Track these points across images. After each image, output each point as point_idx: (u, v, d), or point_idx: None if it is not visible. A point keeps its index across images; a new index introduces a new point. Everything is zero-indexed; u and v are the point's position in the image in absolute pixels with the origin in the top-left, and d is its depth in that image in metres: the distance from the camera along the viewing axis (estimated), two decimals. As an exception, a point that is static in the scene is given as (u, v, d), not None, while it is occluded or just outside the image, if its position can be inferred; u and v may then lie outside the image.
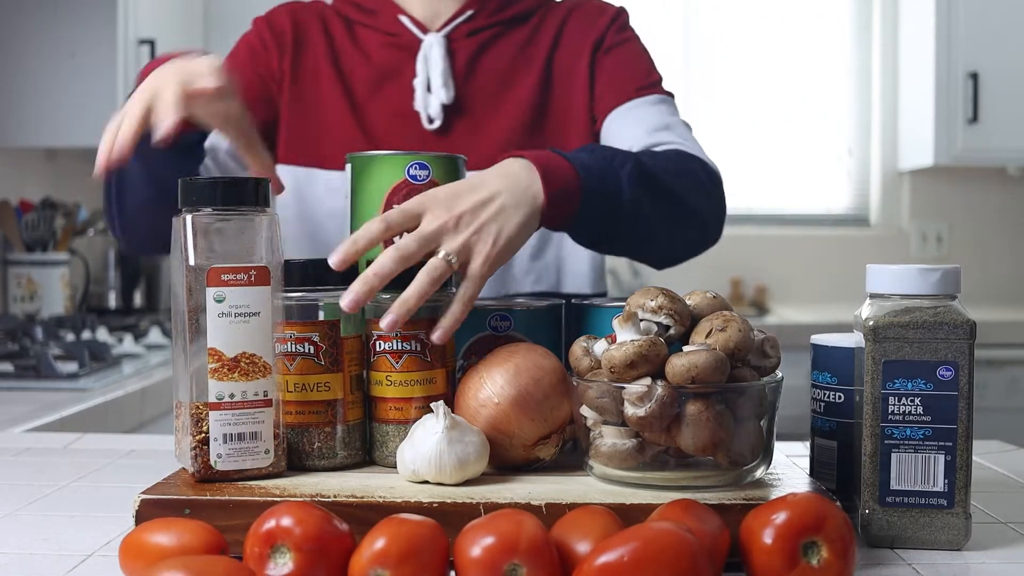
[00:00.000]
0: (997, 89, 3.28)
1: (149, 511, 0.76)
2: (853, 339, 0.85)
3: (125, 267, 3.09)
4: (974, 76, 3.27)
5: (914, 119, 3.49)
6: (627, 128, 1.27)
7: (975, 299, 3.57)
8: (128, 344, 2.18)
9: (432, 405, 0.83)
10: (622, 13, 1.36)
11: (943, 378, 0.78)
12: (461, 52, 1.30)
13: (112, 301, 3.09)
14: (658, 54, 1.38)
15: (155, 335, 2.33)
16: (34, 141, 2.62)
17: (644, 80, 1.31)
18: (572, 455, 0.88)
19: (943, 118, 3.29)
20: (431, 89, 1.27)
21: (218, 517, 0.75)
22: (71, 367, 1.81)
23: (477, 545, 0.64)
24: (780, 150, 3.69)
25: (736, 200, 3.68)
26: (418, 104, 1.27)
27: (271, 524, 0.66)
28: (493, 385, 0.84)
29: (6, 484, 0.99)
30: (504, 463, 0.86)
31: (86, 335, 2.19)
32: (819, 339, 0.90)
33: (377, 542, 0.64)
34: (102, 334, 2.23)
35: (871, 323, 0.79)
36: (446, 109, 1.27)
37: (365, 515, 0.74)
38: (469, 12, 1.30)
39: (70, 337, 2.13)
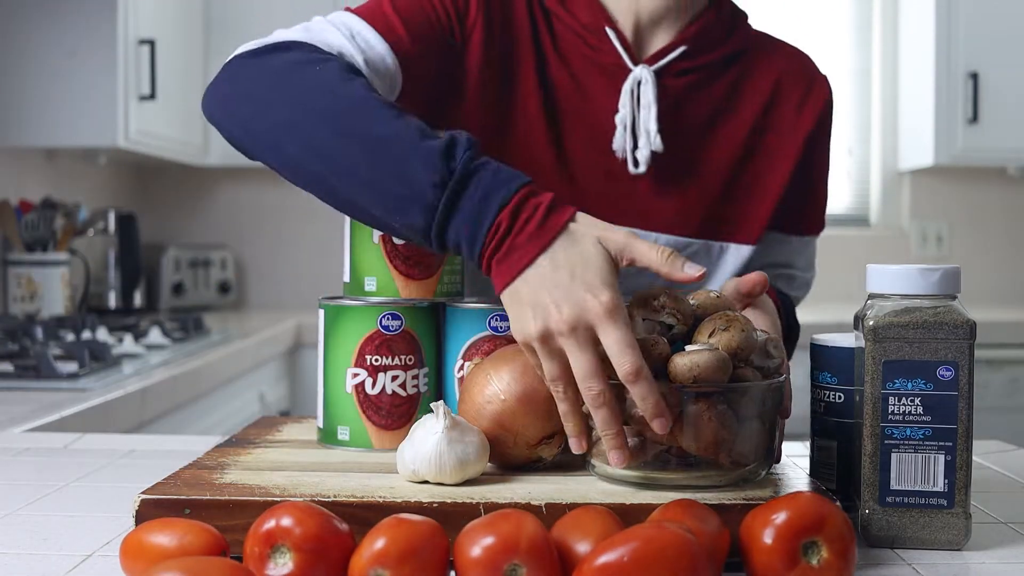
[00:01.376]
0: (997, 89, 3.28)
1: (149, 511, 0.76)
2: (853, 339, 0.85)
3: (125, 267, 3.09)
4: (974, 76, 3.27)
5: (914, 119, 3.49)
6: (788, 257, 1.28)
7: (975, 299, 3.57)
8: (128, 344, 2.18)
9: (432, 405, 0.83)
10: (831, 95, 1.25)
11: (943, 378, 0.78)
12: (668, 92, 1.15)
13: (112, 301, 3.09)
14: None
15: (155, 335, 2.33)
16: (34, 141, 2.62)
17: (821, 215, 1.29)
18: (572, 455, 0.88)
19: (943, 118, 3.29)
20: (636, 131, 1.13)
21: (218, 517, 0.75)
22: (71, 367, 1.81)
23: (477, 545, 0.64)
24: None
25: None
26: (617, 144, 1.13)
27: (271, 524, 0.66)
28: (500, 382, 0.85)
29: (6, 484, 0.99)
30: (506, 461, 0.86)
31: (86, 335, 2.19)
32: (819, 339, 0.90)
33: (377, 542, 0.64)
34: (102, 334, 2.23)
35: (871, 323, 0.79)
36: (653, 156, 1.14)
37: (365, 515, 0.74)
38: (683, 48, 1.15)
39: (70, 337, 2.13)
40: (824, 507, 0.68)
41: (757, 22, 1.32)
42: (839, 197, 3.72)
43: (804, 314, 3.23)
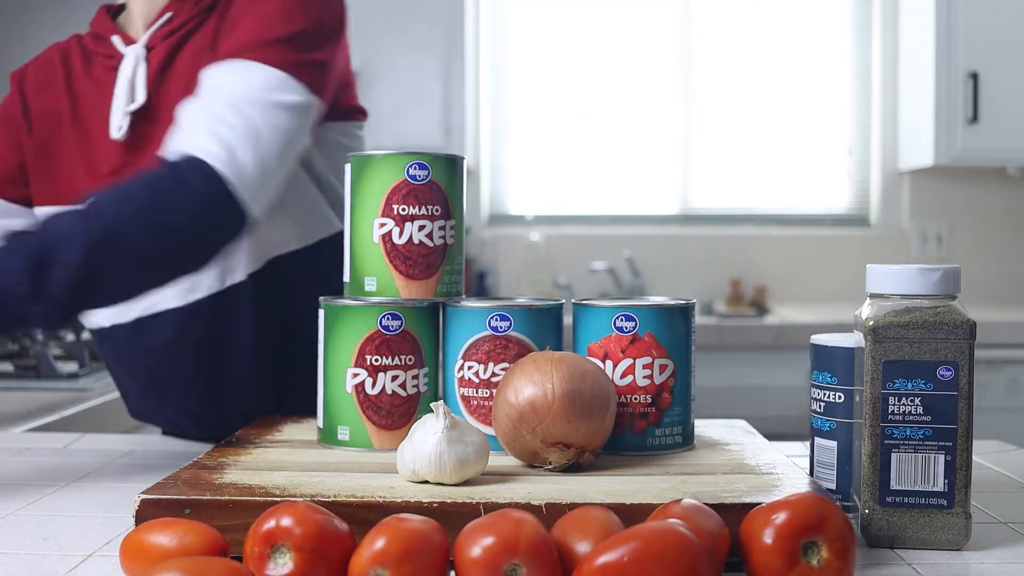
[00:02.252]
0: (997, 89, 3.28)
1: (149, 511, 0.76)
2: (853, 339, 0.85)
3: (125, 267, 3.08)
4: (974, 76, 3.27)
5: (914, 119, 3.49)
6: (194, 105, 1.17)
7: (975, 299, 3.57)
8: (128, 344, 2.17)
9: (432, 405, 0.83)
10: None
11: (943, 378, 0.78)
12: (155, 57, 1.23)
13: (112, 301, 3.08)
14: (658, 54, 1.38)
15: (155, 335, 2.32)
16: (34, 141, 2.61)
17: (257, 33, 1.16)
18: (575, 470, 0.88)
19: (943, 118, 3.29)
20: (133, 100, 1.22)
21: (218, 517, 0.75)
22: (71, 367, 1.81)
23: (477, 545, 0.64)
24: (780, 150, 3.69)
25: (736, 200, 3.70)
26: (112, 115, 1.21)
27: (271, 524, 0.66)
28: (558, 372, 0.85)
29: (6, 484, 0.99)
30: (513, 449, 0.86)
31: (86, 335, 2.19)
32: (819, 339, 0.90)
33: (377, 542, 0.64)
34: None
35: (871, 323, 0.79)
36: (135, 117, 1.21)
37: (365, 515, 0.74)
38: (167, 15, 1.24)
39: (70, 337, 2.13)
40: (824, 507, 0.68)
41: (757, 22, 1.31)
42: (839, 197, 3.72)
43: (804, 314, 3.22)
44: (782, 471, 0.87)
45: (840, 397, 0.87)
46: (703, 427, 1.06)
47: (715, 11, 3.65)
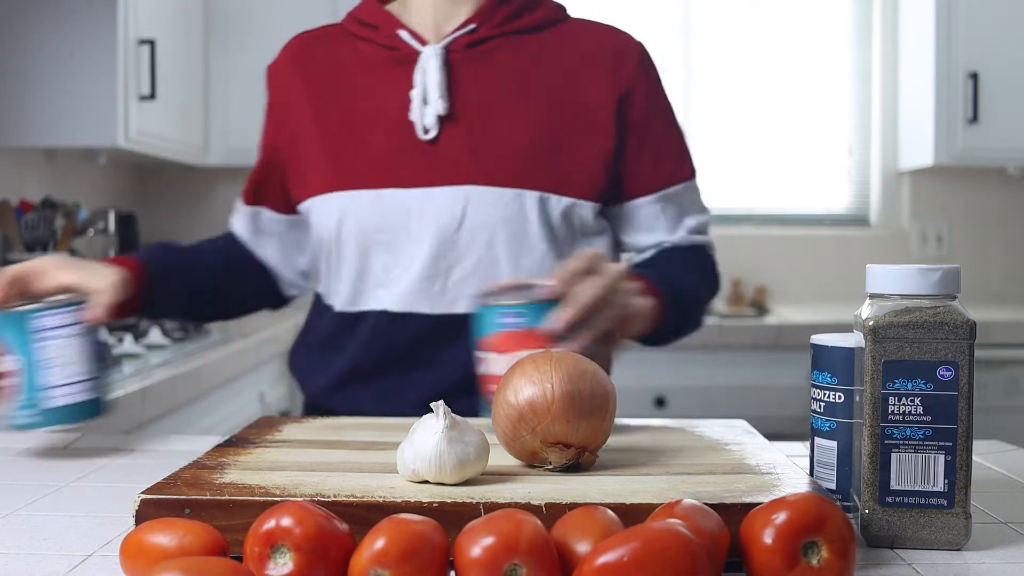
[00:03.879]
0: (997, 89, 3.28)
1: (149, 511, 0.76)
2: (853, 339, 0.85)
3: (125, 267, 3.09)
4: (974, 76, 3.27)
5: (914, 119, 3.49)
6: (657, 221, 1.37)
7: (975, 299, 3.57)
8: (128, 344, 2.18)
9: (432, 405, 0.83)
10: (644, 53, 1.37)
11: (943, 378, 0.78)
12: (460, 63, 1.31)
13: (112, 301, 3.09)
14: (657, 54, 1.39)
15: (155, 335, 2.33)
16: (34, 141, 2.62)
17: (676, 163, 1.37)
18: (574, 470, 0.88)
19: (943, 118, 3.29)
20: (427, 100, 1.29)
21: (218, 517, 0.75)
22: (71, 367, 1.80)
23: (477, 545, 0.64)
24: (780, 150, 3.69)
25: (736, 200, 3.69)
26: (414, 115, 1.29)
27: (271, 524, 0.66)
28: (557, 372, 0.85)
29: (6, 484, 0.99)
30: (512, 449, 0.86)
31: (86, 335, 2.19)
32: (819, 339, 0.90)
33: (377, 542, 0.64)
34: (102, 334, 2.22)
35: (871, 323, 0.79)
36: (441, 120, 1.29)
37: (365, 515, 0.74)
38: (472, 26, 1.31)
39: (70, 337, 2.12)
40: (824, 507, 0.68)
41: (757, 22, 1.34)
42: (839, 197, 3.72)
43: (804, 314, 3.22)
44: (782, 471, 0.87)
45: (840, 397, 0.87)
46: (703, 427, 1.06)
47: (715, 11, 3.65)
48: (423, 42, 1.32)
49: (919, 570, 0.75)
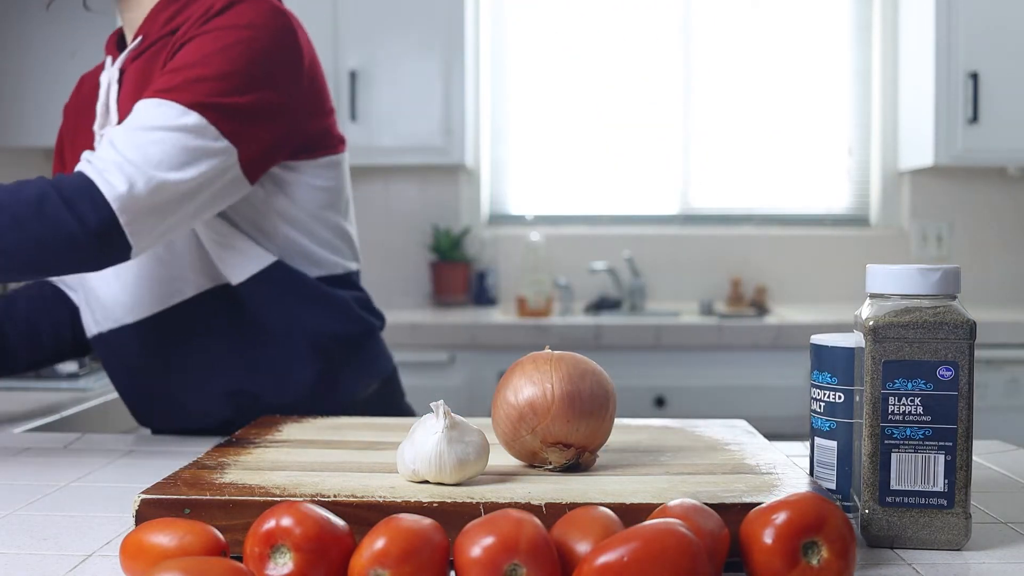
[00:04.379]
0: (997, 89, 3.28)
1: (149, 511, 0.76)
2: (853, 339, 0.85)
3: (125, 267, 3.09)
4: (974, 76, 3.27)
5: (914, 119, 3.49)
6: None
7: (975, 299, 3.57)
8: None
9: (432, 405, 0.83)
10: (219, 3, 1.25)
11: (943, 378, 0.78)
12: (128, 77, 1.28)
13: (112, 301, 3.08)
14: (657, 54, 1.38)
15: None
16: (34, 141, 2.62)
17: (171, 80, 1.18)
18: (574, 470, 0.88)
19: (943, 118, 3.29)
20: (109, 119, 1.28)
21: (218, 517, 0.75)
22: (71, 367, 1.80)
23: (477, 545, 0.64)
24: (780, 150, 3.69)
25: (736, 200, 3.69)
26: (96, 128, 1.28)
27: (271, 524, 0.66)
28: (557, 372, 0.85)
29: (6, 484, 0.99)
30: (512, 449, 0.86)
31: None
32: (819, 339, 0.90)
33: (377, 542, 0.64)
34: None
35: (871, 323, 0.79)
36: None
37: (365, 515, 0.74)
38: (138, 39, 1.28)
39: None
40: (824, 507, 0.68)
41: (757, 22, 1.33)
42: (839, 197, 3.72)
43: (804, 314, 3.24)
44: (782, 471, 0.87)
45: (840, 397, 0.87)
46: (703, 427, 1.06)
47: (715, 11, 3.65)
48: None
49: (919, 570, 0.75)
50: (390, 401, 1.41)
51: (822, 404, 0.89)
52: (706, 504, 0.73)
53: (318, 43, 3.33)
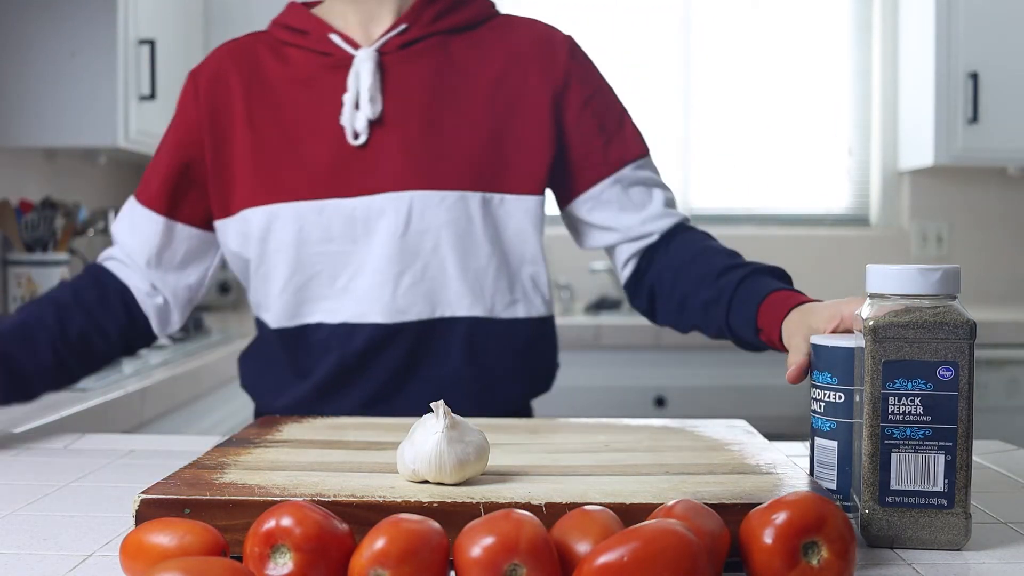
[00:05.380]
0: (997, 89, 3.28)
1: (149, 511, 0.76)
2: (853, 339, 0.85)
3: (125, 267, 3.09)
4: (974, 76, 3.27)
5: (914, 119, 3.49)
6: (622, 201, 1.34)
7: (975, 299, 3.57)
8: (128, 344, 2.17)
9: (432, 405, 0.83)
10: (573, 44, 1.39)
11: (943, 378, 0.78)
12: (392, 65, 1.29)
13: (112, 301, 3.08)
14: (657, 54, 1.39)
15: (155, 335, 2.32)
16: (34, 141, 2.62)
17: (624, 145, 1.34)
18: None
19: (943, 118, 3.29)
20: (359, 105, 1.27)
21: (218, 517, 0.75)
22: (71, 367, 1.80)
23: (477, 545, 0.64)
24: (780, 150, 3.69)
25: (736, 200, 3.69)
26: (344, 119, 1.27)
27: (271, 524, 0.66)
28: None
29: (6, 484, 0.99)
30: None
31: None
32: (819, 339, 0.90)
33: (377, 542, 0.64)
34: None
35: (871, 323, 0.79)
36: (372, 124, 1.27)
37: (365, 515, 0.74)
38: (402, 26, 1.30)
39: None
40: (824, 507, 0.68)
41: (757, 22, 1.35)
42: (839, 197, 3.72)
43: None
44: (782, 471, 0.87)
45: (840, 397, 0.87)
46: (703, 427, 1.06)
47: (715, 11, 3.65)
48: (355, 45, 1.30)
49: (919, 570, 0.75)
50: None
51: (822, 404, 0.89)
52: (706, 504, 0.73)
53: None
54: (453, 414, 0.82)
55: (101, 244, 3.04)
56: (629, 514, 0.74)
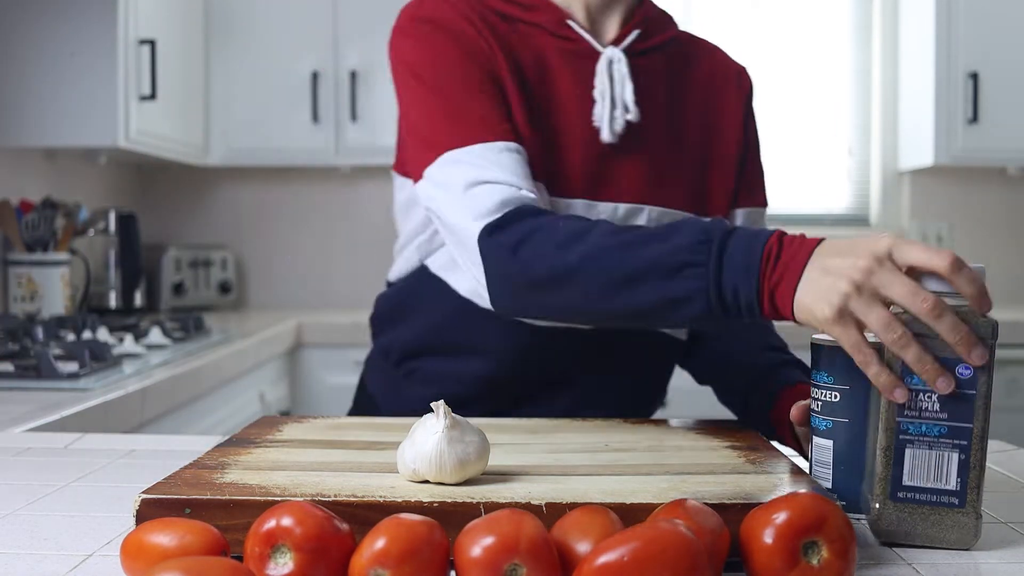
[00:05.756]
0: (997, 89, 3.28)
1: (149, 511, 0.76)
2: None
3: (125, 267, 3.09)
4: (974, 76, 3.27)
5: (914, 119, 3.49)
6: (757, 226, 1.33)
7: (975, 299, 3.57)
8: (129, 344, 2.17)
9: (432, 405, 0.83)
10: (751, 81, 1.40)
11: (962, 377, 0.78)
12: (635, 70, 1.24)
13: (113, 301, 3.09)
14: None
15: (155, 335, 2.33)
16: (34, 141, 2.62)
17: (763, 188, 1.36)
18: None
19: (943, 118, 3.29)
20: (615, 103, 1.21)
21: (218, 517, 0.75)
22: (71, 367, 1.80)
23: (477, 545, 0.64)
24: (780, 150, 3.69)
25: (736, 200, 3.70)
26: (599, 118, 1.21)
27: (271, 524, 0.66)
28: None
29: (6, 484, 0.99)
30: None
31: (87, 335, 2.19)
32: (818, 339, 0.90)
33: (377, 542, 0.64)
34: (103, 334, 2.23)
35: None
36: (629, 127, 1.22)
37: (365, 515, 0.74)
38: (638, 32, 1.26)
39: (71, 337, 2.13)
40: (824, 507, 0.68)
41: (757, 22, 1.36)
42: (839, 197, 3.72)
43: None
44: (782, 471, 0.87)
45: (837, 396, 0.87)
46: (703, 427, 1.06)
47: (715, 11, 3.65)
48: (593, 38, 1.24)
49: (919, 570, 0.75)
50: None
51: (819, 403, 0.89)
52: (706, 504, 0.73)
53: (318, 43, 3.34)
54: (454, 414, 0.82)
55: (102, 244, 3.04)
56: (629, 514, 0.74)
